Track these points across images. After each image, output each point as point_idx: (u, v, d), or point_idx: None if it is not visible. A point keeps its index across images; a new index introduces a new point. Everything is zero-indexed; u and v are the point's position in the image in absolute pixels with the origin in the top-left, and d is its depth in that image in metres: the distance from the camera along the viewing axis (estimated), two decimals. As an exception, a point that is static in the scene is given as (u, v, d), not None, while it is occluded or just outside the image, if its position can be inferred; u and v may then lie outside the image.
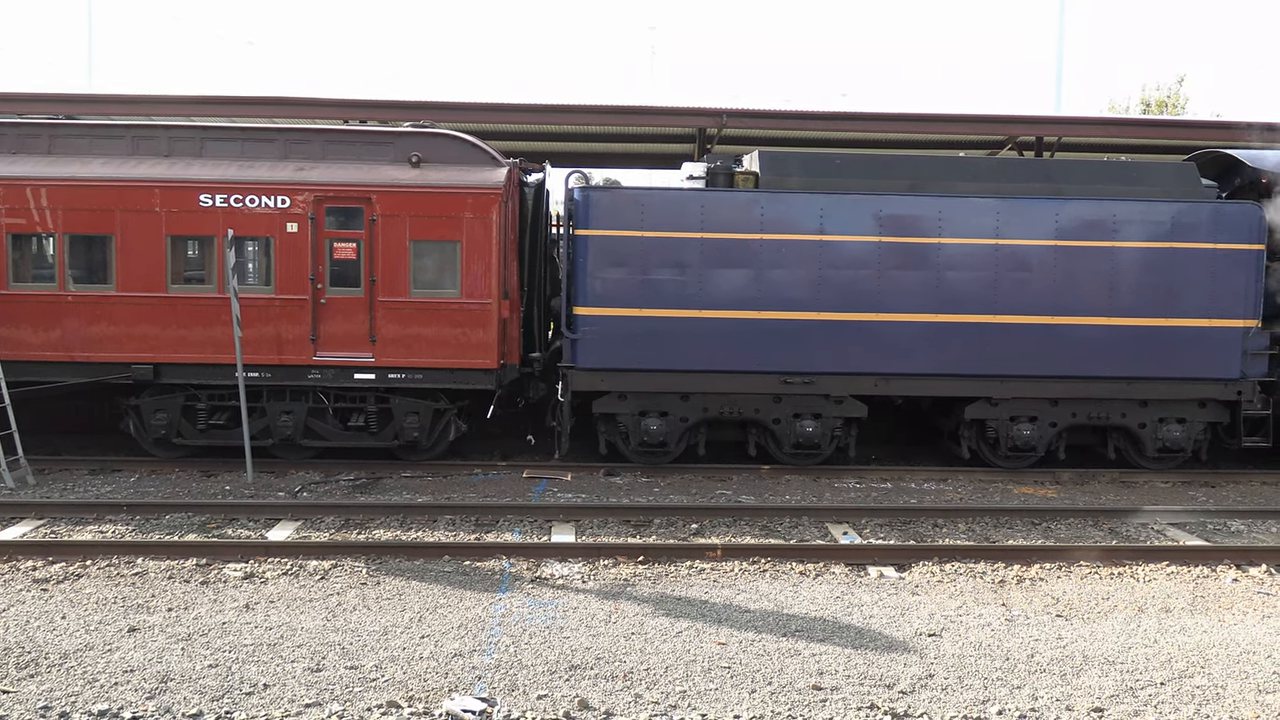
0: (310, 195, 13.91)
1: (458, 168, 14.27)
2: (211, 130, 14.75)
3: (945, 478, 14.69)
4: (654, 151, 21.43)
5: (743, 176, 14.49)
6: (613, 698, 7.23)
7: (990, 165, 15.47)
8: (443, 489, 13.62)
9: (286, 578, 9.74)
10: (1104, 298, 14.40)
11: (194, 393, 14.32)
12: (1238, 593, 9.96)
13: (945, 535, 11.89)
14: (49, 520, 11.68)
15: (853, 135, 19.26)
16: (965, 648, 8.31)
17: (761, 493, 13.70)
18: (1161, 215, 14.43)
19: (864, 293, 14.29)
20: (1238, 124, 18.19)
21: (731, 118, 17.97)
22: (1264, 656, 8.29)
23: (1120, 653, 8.28)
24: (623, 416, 14.54)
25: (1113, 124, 20.92)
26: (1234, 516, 12.81)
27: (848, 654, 8.09)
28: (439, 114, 17.12)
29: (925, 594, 9.68)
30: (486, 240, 14.01)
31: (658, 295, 14.19)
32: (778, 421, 14.60)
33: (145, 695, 7.12)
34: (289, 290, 14.02)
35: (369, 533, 11.52)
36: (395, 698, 7.14)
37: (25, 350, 13.99)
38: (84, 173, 14.00)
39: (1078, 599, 9.62)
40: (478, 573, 10.00)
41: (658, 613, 8.96)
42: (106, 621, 8.52)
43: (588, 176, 14.64)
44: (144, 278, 13.97)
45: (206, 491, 13.25)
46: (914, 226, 14.31)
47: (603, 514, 12.26)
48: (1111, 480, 14.71)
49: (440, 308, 14.10)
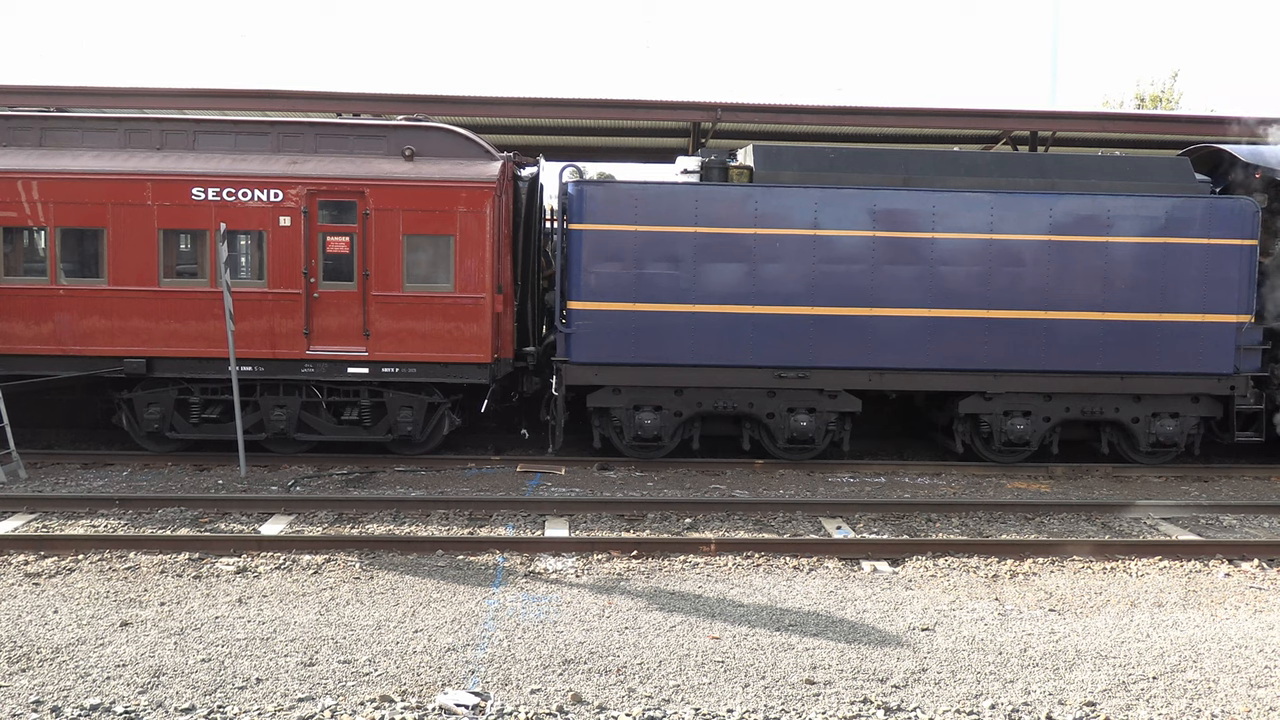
0: (303, 189, 13.87)
1: (451, 161, 14.24)
2: (204, 123, 14.70)
3: (939, 472, 14.71)
4: (648, 145, 21.41)
5: (737, 171, 14.48)
6: (606, 692, 7.23)
7: (985, 160, 15.47)
8: (436, 483, 13.61)
9: (279, 572, 9.73)
10: (1098, 292, 14.41)
11: (187, 387, 14.28)
12: (1230, 587, 9.98)
13: (939, 530, 11.90)
14: (41, 514, 11.65)
15: (847, 129, 19.26)
16: (958, 642, 8.32)
17: (755, 487, 13.70)
18: (1156, 210, 14.44)
19: (858, 287, 14.29)
20: (1231, 119, 18.22)
21: (726, 112, 17.97)
22: (1256, 651, 8.31)
23: (1113, 647, 8.29)
24: (617, 411, 14.53)
25: (1107, 119, 20.93)
26: (1226, 511, 12.83)
27: (841, 648, 8.10)
28: (432, 107, 17.10)
29: (918, 588, 9.69)
30: (480, 234, 13.98)
31: (652, 289, 14.17)
32: (772, 416, 14.60)
33: (138, 690, 7.10)
34: (282, 284, 13.99)
35: (362, 527, 11.50)
36: (388, 692, 7.12)
37: (17, 344, 13.96)
38: (75, 166, 13.95)
39: (1070, 593, 9.64)
40: (471, 567, 9.99)
41: (651, 607, 8.95)
42: (99, 616, 8.50)
43: (582, 170, 14.62)
44: (136, 271, 13.93)
45: (199, 486, 13.22)
46: (908, 221, 14.30)
47: (597, 508, 12.26)
48: (1105, 475, 14.73)
49: (434, 302, 14.07)
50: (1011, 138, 19.92)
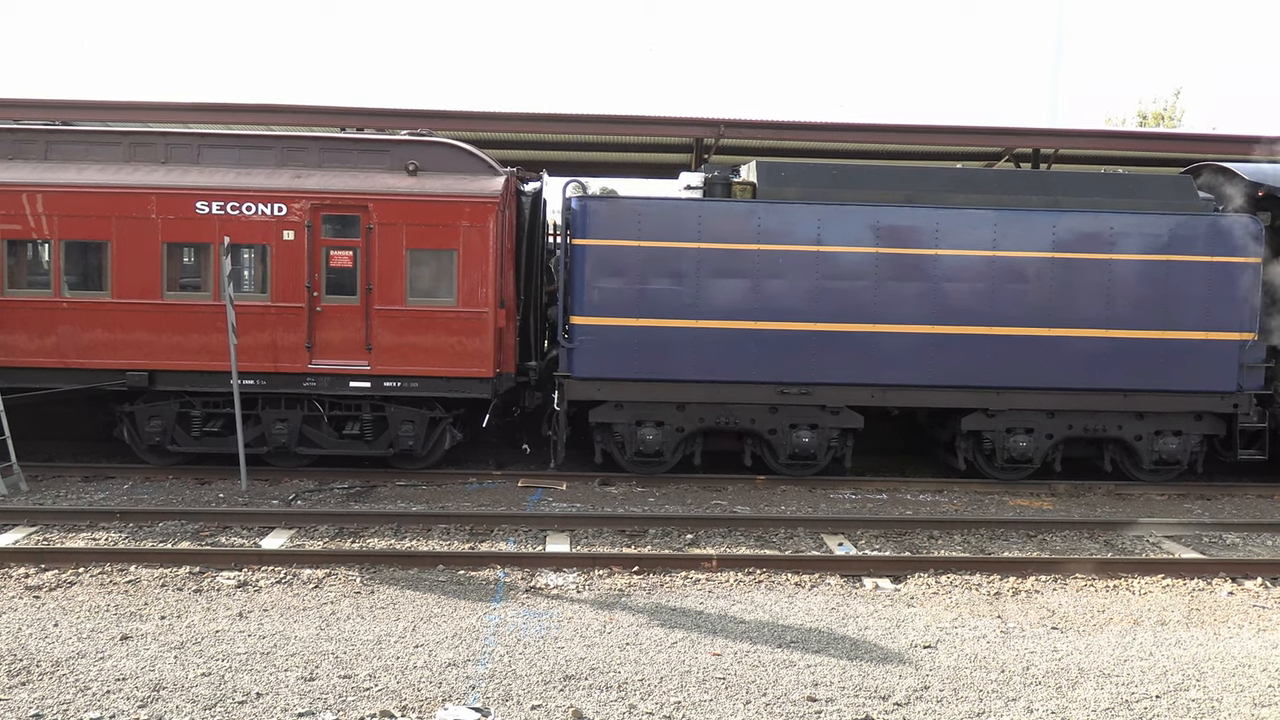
0: (307, 203, 13.90)
1: (455, 176, 14.26)
2: (208, 137, 14.73)
3: (941, 489, 14.68)
4: (651, 161, 21.46)
5: (740, 187, 14.50)
6: (607, 708, 7.20)
7: (987, 177, 15.49)
8: (437, 498, 13.59)
9: (280, 586, 9.71)
10: (1101, 310, 14.41)
11: (189, 400, 14.28)
12: (1233, 606, 9.94)
13: (941, 547, 11.87)
14: (42, 527, 11.63)
15: (850, 146, 19.29)
16: (960, 660, 8.28)
17: (757, 503, 13.67)
18: (1158, 228, 14.45)
19: (861, 304, 14.29)
20: (1234, 137, 18.24)
21: (729, 128, 18.00)
22: (1259, 670, 8.27)
23: (1115, 665, 8.26)
24: (619, 426, 14.52)
25: (1110, 136, 20.98)
26: (1230, 529, 12.80)
27: (843, 665, 8.07)
28: (436, 122, 17.13)
29: (921, 605, 9.65)
30: (483, 249, 14.00)
31: (654, 305, 14.18)
32: (774, 432, 14.59)
33: (137, 704, 7.08)
34: (285, 298, 14.00)
35: (363, 541, 11.48)
36: (389, 707, 7.10)
37: (20, 356, 13.97)
38: (80, 179, 13.98)
39: (1073, 611, 9.60)
40: (472, 582, 9.97)
41: (652, 623, 8.93)
42: (99, 629, 8.48)
43: (585, 186, 14.65)
44: (139, 285, 13.95)
45: (200, 499, 13.21)
46: (911, 238, 14.32)
47: (598, 524, 12.23)
48: (1107, 492, 14.70)
49: (436, 316, 14.08)
50: (1014, 155, 19.95)
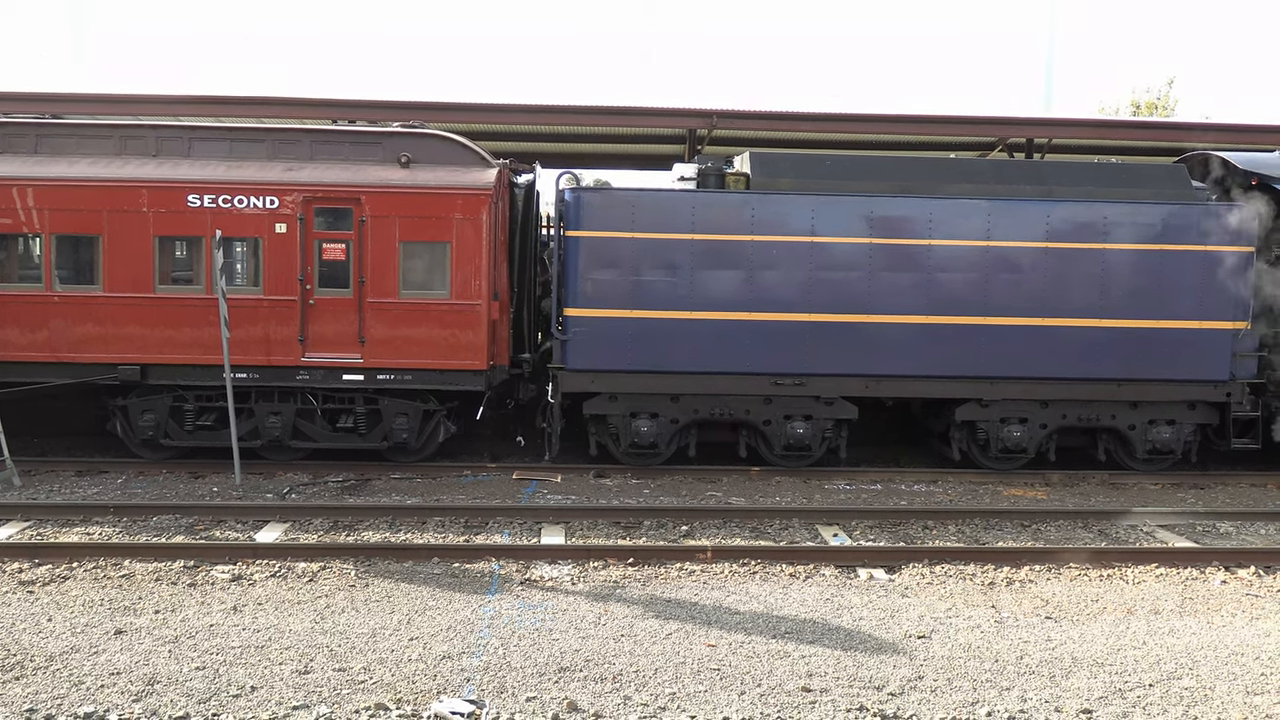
0: (299, 196, 13.86)
1: (447, 168, 14.23)
2: (199, 130, 14.69)
3: (935, 479, 14.69)
4: (645, 152, 21.41)
5: (733, 178, 14.49)
6: (602, 700, 7.20)
7: (981, 167, 15.48)
8: (432, 490, 13.58)
9: (274, 580, 9.69)
10: (1095, 299, 14.42)
11: (181, 394, 14.25)
12: (1226, 594, 9.97)
13: (935, 537, 11.89)
14: (35, 522, 11.61)
15: (844, 136, 19.27)
16: (954, 649, 8.30)
17: (752, 494, 13.68)
18: (1152, 217, 14.45)
19: (855, 294, 14.29)
20: (1227, 126, 18.23)
21: (722, 119, 17.96)
22: (1252, 658, 8.29)
23: (1109, 654, 8.28)
24: (613, 418, 14.51)
25: (1103, 126, 20.98)
26: (1223, 518, 12.83)
27: (837, 656, 8.07)
28: (428, 114, 17.08)
29: (915, 596, 9.67)
30: (476, 241, 13.97)
31: (648, 296, 14.16)
32: (768, 423, 14.59)
33: (132, 698, 7.07)
34: (277, 291, 13.97)
35: (358, 534, 11.47)
36: (383, 700, 7.10)
37: (11, 351, 13.94)
38: (71, 173, 13.93)
39: (1067, 601, 9.62)
40: (467, 575, 9.96)
41: (647, 614, 8.93)
42: (93, 624, 8.47)
43: (578, 177, 14.62)
44: (131, 278, 13.91)
45: (194, 493, 13.18)
46: (905, 228, 14.31)
47: (593, 516, 12.23)
48: (1101, 482, 14.72)
49: (429, 309, 14.05)
50: (1008, 145, 19.94)
